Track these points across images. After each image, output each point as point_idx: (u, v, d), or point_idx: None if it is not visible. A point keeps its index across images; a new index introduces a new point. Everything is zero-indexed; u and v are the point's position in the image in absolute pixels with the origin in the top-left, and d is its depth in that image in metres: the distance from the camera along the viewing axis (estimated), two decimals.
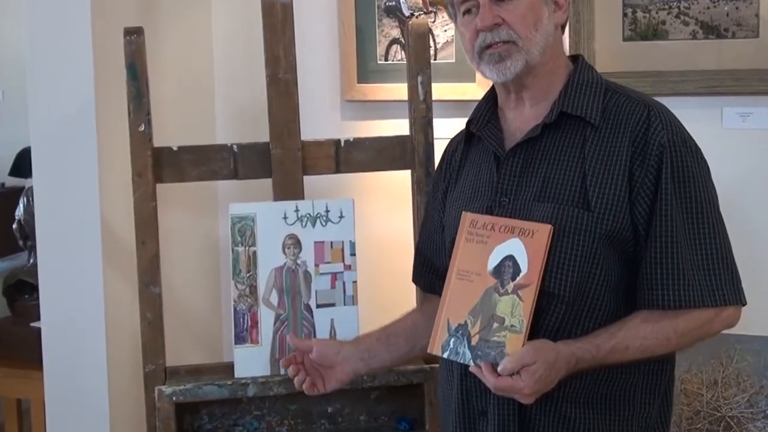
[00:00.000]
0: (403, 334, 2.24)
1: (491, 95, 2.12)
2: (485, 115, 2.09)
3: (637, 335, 1.88)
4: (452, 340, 1.92)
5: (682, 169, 1.90)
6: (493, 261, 1.92)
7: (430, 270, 2.23)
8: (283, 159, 2.60)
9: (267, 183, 2.63)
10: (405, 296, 2.49)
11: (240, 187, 2.84)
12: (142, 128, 2.53)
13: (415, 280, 2.32)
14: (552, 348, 1.83)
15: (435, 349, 1.95)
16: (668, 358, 2.00)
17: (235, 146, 2.61)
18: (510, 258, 1.90)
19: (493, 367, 1.82)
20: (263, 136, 2.63)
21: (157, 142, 2.57)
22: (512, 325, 1.85)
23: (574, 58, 2.08)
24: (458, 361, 1.91)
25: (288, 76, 2.60)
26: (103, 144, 2.70)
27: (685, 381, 2.62)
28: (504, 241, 1.91)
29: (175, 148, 2.59)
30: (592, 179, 1.90)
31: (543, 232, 1.88)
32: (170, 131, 2.78)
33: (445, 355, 1.93)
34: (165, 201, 2.68)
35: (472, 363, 1.87)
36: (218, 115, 3.15)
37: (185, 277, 3.02)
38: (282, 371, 2.48)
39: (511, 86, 2.01)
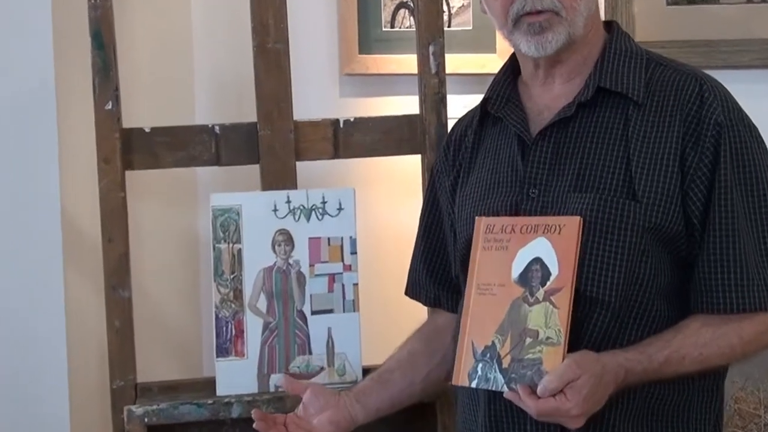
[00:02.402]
0: (397, 369, 2.23)
1: (509, 68, 2.12)
2: (504, 92, 2.09)
3: (695, 343, 1.87)
4: (480, 365, 1.89)
5: (742, 151, 1.90)
6: (517, 267, 1.90)
7: (434, 279, 2.24)
8: (273, 142, 2.61)
9: (254, 170, 2.63)
10: (414, 302, 2.47)
11: (223, 175, 2.84)
12: (109, 106, 2.53)
13: (411, 292, 2.31)
14: (596, 359, 1.81)
15: (461, 380, 1.92)
16: (721, 372, 2.00)
17: (216, 127, 2.62)
18: (537, 261, 1.88)
19: (532, 389, 1.79)
20: (250, 115, 2.63)
21: (127, 122, 2.57)
22: (548, 338, 1.83)
23: (608, 26, 2.07)
24: (489, 388, 1.89)
25: (278, 46, 2.60)
26: (63, 125, 2.70)
27: (739, 400, 2.61)
28: (528, 243, 1.90)
29: (147, 130, 2.60)
30: (638, 164, 1.90)
31: (572, 225, 1.86)
32: (142, 110, 2.78)
33: (474, 385, 1.90)
34: (136, 191, 2.68)
35: (506, 389, 1.84)
36: (197, 92, 3.15)
37: (159, 280, 3.02)
38: (271, 388, 2.51)
39: (543, 61, 2.01)
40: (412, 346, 2.25)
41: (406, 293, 2.32)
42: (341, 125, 2.65)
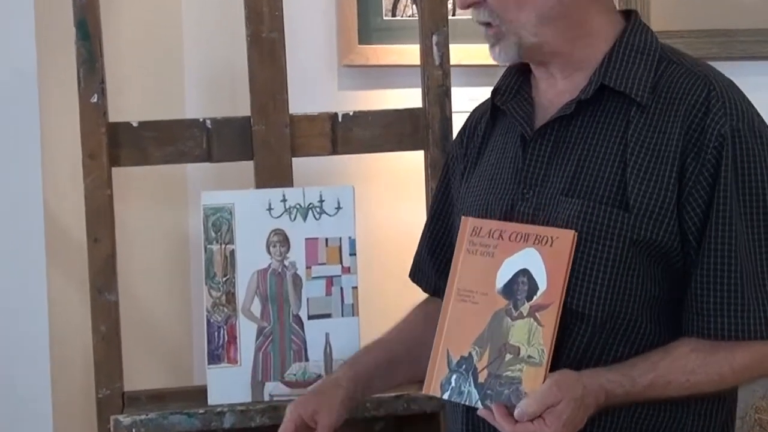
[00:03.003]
0: (406, 358, 2.20)
1: None
2: (514, 83, 2.06)
3: (683, 368, 1.84)
4: (454, 376, 1.89)
5: (748, 166, 1.84)
6: (502, 277, 1.89)
7: (436, 268, 2.21)
8: (268, 137, 2.60)
9: (248, 166, 2.63)
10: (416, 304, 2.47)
11: (214, 172, 2.85)
12: (95, 99, 2.54)
13: (413, 276, 2.29)
14: (577, 380, 1.80)
15: (432, 389, 1.92)
16: (724, 396, 1.95)
17: (208, 121, 2.62)
18: (524, 272, 1.87)
19: (509, 409, 1.80)
20: (243, 109, 2.63)
21: (113, 116, 2.57)
22: (530, 356, 1.83)
23: (628, 14, 2.03)
24: (462, 402, 1.89)
25: (273, 35, 2.61)
26: (46, 119, 2.69)
27: (760, 410, 2.62)
28: (516, 252, 1.88)
29: (134, 124, 2.60)
30: (632, 172, 1.86)
31: (565, 239, 1.84)
32: (129, 103, 2.78)
33: (446, 396, 1.90)
34: (123, 188, 2.67)
35: (480, 405, 1.85)
36: (188, 84, 3.14)
37: (147, 282, 3.02)
38: (266, 397, 2.52)
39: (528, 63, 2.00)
40: (418, 326, 2.21)
41: (409, 276, 2.30)
42: (340, 119, 2.64)
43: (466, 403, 1.87)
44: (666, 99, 1.88)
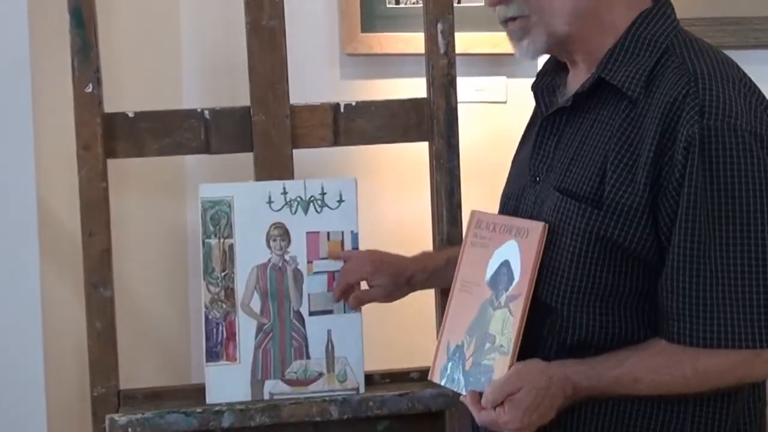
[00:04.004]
0: None
1: None
2: (556, 65, 2.08)
3: (648, 367, 1.86)
4: (450, 364, 1.98)
5: (723, 167, 1.79)
6: (491, 268, 1.96)
7: None
8: (268, 128, 2.61)
9: (247, 158, 2.63)
10: (420, 301, 2.48)
11: (213, 164, 2.86)
12: (90, 89, 2.54)
13: None
14: (541, 371, 1.85)
15: (434, 376, 2.02)
16: (732, 397, 1.91)
17: (206, 112, 2.62)
18: (506, 264, 1.94)
19: (481, 396, 1.88)
20: (242, 99, 2.63)
21: (109, 106, 2.57)
22: (501, 345, 1.89)
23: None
24: (453, 389, 1.96)
25: (273, 23, 2.60)
26: (40, 109, 2.69)
27: None
28: (502, 244, 1.95)
29: (130, 115, 2.60)
30: (611, 168, 1.85)
31: (535, 231, 1.90)
32: (125, 93, 2.78)
33: (443, 383, 1.99)
34: (118, 181, 2.67)
35: (464, 392, 1.92)
36: (185, 73, 3.15)
37: (144, 278, 3.03)
38: (266, 396, 2.51)
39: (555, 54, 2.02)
40: None
41: None
42: (342, 110, 2.64)
43: (456, 390, 1.95)
44: (654, 95, 1.86)
